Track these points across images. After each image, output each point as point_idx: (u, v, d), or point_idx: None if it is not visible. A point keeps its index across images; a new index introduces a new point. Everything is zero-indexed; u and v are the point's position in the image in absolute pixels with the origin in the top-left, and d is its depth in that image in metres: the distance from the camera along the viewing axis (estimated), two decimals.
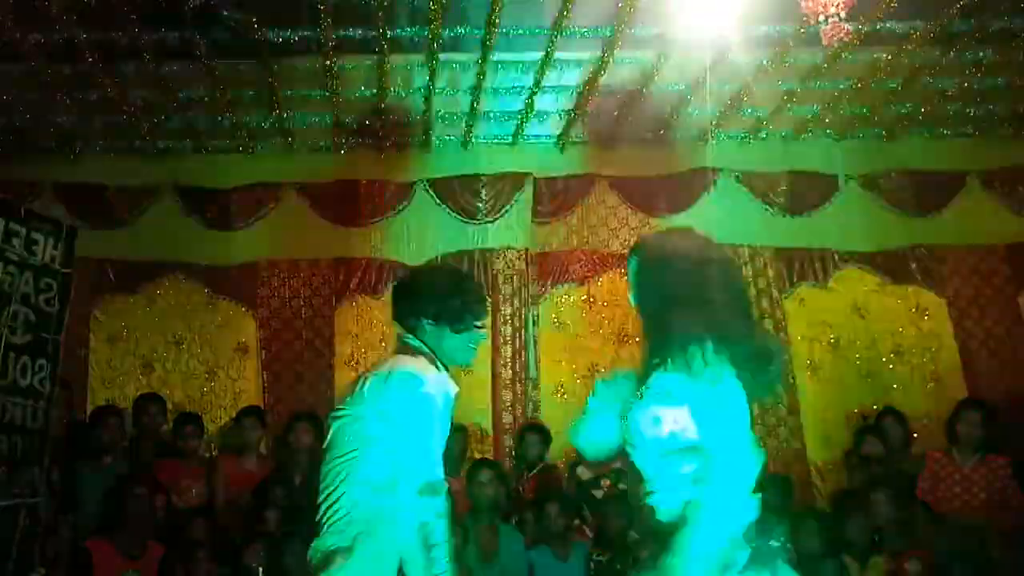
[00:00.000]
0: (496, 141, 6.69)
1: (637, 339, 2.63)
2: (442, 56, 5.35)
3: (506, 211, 6.67)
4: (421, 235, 6.70)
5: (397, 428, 2.66)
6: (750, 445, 2.32)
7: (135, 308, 6.52)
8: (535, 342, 6.59)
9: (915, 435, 6.00)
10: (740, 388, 2.33)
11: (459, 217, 6.70)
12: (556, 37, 5.15)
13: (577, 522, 5.12)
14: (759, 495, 2.30)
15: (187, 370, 6.46)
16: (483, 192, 6.68)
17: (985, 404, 5.53)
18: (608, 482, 5.25)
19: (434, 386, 2.72)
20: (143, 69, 5.30)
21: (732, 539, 2.21)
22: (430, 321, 2.83)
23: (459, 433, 5.24)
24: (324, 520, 2.70)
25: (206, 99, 5.76)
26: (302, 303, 6.59)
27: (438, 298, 2.84)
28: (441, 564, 2.65)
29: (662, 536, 2.34)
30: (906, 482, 5.25)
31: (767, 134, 6.66)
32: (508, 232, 6.67)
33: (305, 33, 5.07)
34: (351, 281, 6.62)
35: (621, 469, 5.28)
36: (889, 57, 5.46)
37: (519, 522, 5.11)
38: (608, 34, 5.14)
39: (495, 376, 6.45)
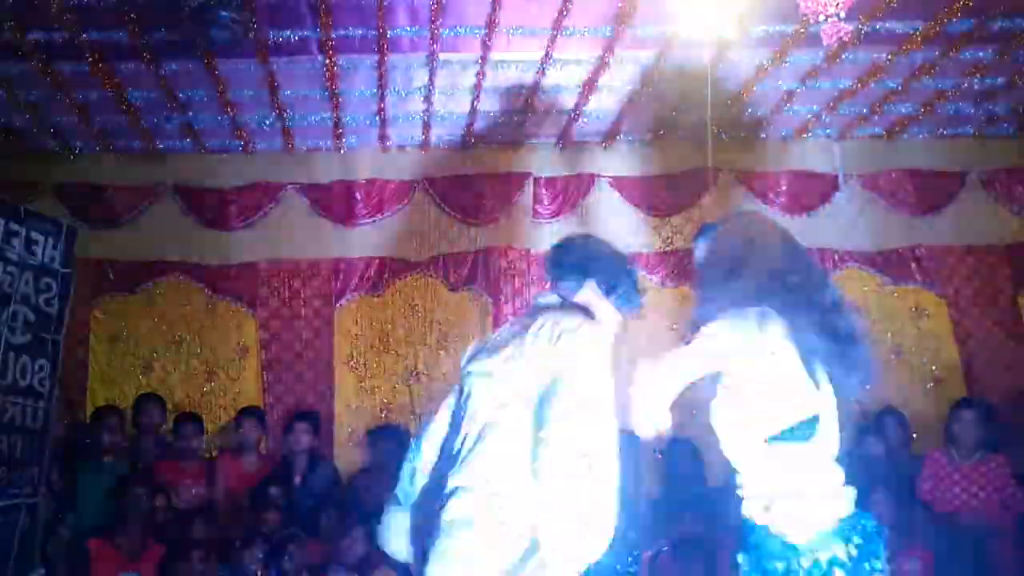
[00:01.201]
0: (496, 141, 6.70)
1: (636, 339, 2.69)
2: (442, 56, 5.36)
3: (506, 211, 6.68)
4: (421, 235, 6.70)
5: None
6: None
7: (135, 308, 6.51)
8: None
9: (915, 435, 6.00)
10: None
11: (459, 217, 6.70)
12: (556, 37, 5.16)
13: None
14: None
15: (187, 370, 6.46)
16: (483, 192, 6.69)
17: (981, 403, 5.53)
18: None
19: None
20: (143, 69, 5.31)
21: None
22: (601, 289, 2.76)
23: None
24: None
25: (206, 99, 5.77)
26: (302, 303, 6.59)
27: (614, 270, 2.79)
28: None
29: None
30: (906, 482, 5.25)
31: (767, 134, 6.66)
32: (508, 232, 6.68)
33: (305, 33, 5.07)
34: (351, 281, 6.63)
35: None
36: (889, 57, 5.47)
37: None
38: (608, 34, 5.15)
39: None
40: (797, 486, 2.44)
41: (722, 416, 2.59)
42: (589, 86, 5.78)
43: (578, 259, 2.82)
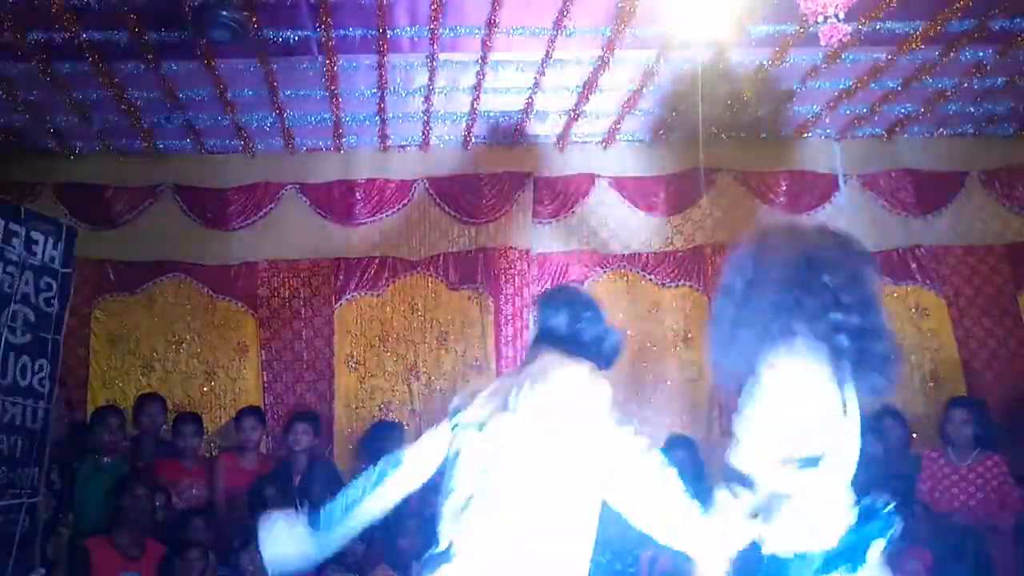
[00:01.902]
0: (496, 141, 6.70)
1: (636, 339, 2.71)
2: (442, 56, 5.36)
3: (506, 211, 6.68)
4: (421, 235, 6.71)
5: None
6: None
7: (135, 308, 6.51)
8: None
9: (915, 435, 6.00)
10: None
11: (459, 217, 6.71)
12: (556, 37, 5.16)
13: None
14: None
15: (187, 370, 6.46)
16: (483, 192, 6.69)
17: (974, 402, 5.51)
18: None
19: None
20: (143, 69, 5.31)
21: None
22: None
23: None
24: None
25: (206, 99, 5.77)
26: (302, 303, 6.59)
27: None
28: None
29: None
30: (906, 482, 5.25)
31: (767, 134, 6.66)
32: (508, 232, 6.68)
33: (305, 33, 5.07)
34: (351, 281, 6.63)
35: None
36: (889, 57, 5.47)
37: None
38: (608, 34, 5.15)
39: (496, 377, 6.45)
40: (801, 507, 2.44)
41: (749, 431, 2.57)
42: (589, 86, 5.78)
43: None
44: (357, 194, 6.67)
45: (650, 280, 6.68)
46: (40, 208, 5.56)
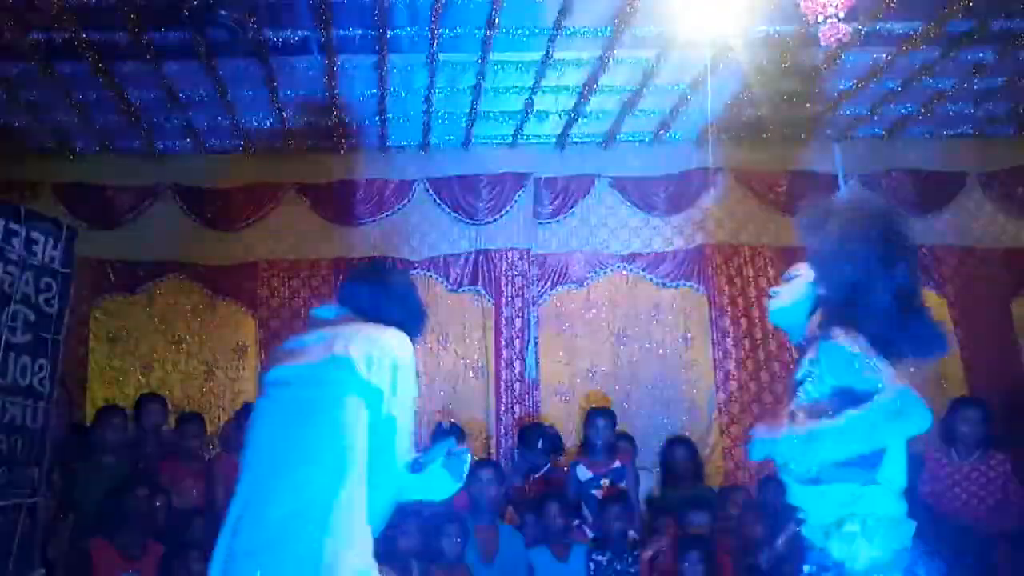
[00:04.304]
0: (496, 141, 6.70)
1: (636, 339, 2.69)
2: (442, 56, 5.36)
3: (506, 211, 6.68)
4: (421, 235, 6.71)
5: None
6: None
7: (135, 308, 6.52)
8: (536, 343, 6.58)
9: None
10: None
11: (459, 217, 6.71)
12: (556, 37, 5.16)
13: (577, 522, 5.12)
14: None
15: (187, 370, 6.46)
16: (483, 192, 6.69)
17: (984, 402, 5.50)
18: (608, 482, 5.25)
19: None
20: (143, 69, 5.31)
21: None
22: None
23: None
24: None
25: (206, 99, 5.77)
26: (302, 303, 6.58)
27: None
28: None
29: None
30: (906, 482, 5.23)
31: (767, 134, 6.66)
32: (508, 232, 6.68)
33: (305, 33, 5.08)
34: None
35: (621, 468, 5.30)
36: (889, 57, 5.47)
37: (519, 522, 5.11)
38: (608, 34, 5.15)
39: (496, 377, 6.46)
40: (856, 517, 2.46)
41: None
42: (589, 86, 5.78)
43: None
44: (357, 194, 6.67)
45: (650, 280, 6.68)
46: (40, 208, 5.55)
